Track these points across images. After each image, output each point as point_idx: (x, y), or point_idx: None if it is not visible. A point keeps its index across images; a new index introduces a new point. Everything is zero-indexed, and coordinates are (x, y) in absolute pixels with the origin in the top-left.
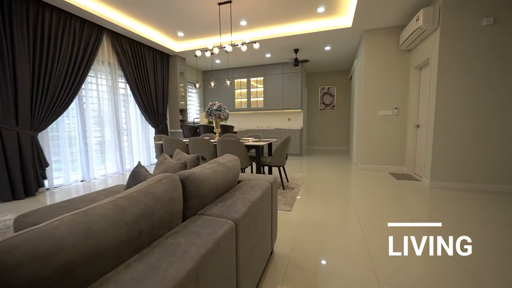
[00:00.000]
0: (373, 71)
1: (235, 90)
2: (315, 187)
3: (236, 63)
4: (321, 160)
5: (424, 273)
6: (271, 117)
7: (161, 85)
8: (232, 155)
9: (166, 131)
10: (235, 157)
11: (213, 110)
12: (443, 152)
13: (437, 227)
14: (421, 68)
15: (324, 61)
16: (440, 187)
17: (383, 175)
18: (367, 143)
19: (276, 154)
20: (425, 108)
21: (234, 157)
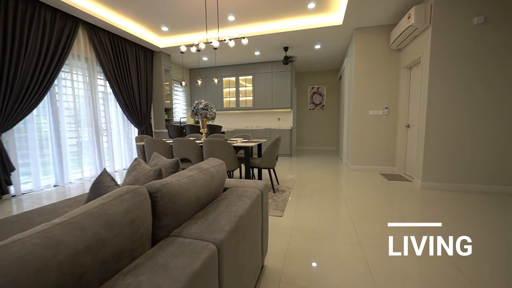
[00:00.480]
0: (364, 70)
1: (223, 89)
2: (306, 189)
3: (224, 61)
4: (312, 161)
5: (428, 279)
6: (260, 117)
7: (145, 83)
8: (217, 159)
9: (150, 131)
10: (220, 162)
11: (199, 109)
12: (435, 152)
13: (435, 227)
14: (411, 67)
15: (314, 60)
16: (432, 188)
17: (374, 175)
18: (358, 143)
19: (266, 155)
20: (415, 108)
21: (219, 161)
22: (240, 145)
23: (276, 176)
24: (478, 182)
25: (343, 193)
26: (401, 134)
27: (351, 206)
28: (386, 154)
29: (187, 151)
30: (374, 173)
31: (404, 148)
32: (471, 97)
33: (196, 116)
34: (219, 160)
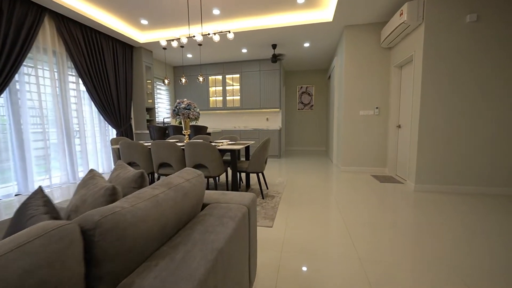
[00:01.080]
0: (354, 69)
1: (209, 88)
2: (297, 194)
3: (210, 58)
4: (301, 162)
5: None
6: (248, 117)
7: (124, 81)
8: (193, 170)
9: (130, 132)
10: (198, 173)
11: (181, 108)
12: (428, 154)
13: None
14: (402, 66)
15: (303, 59)
16: (426, 191)
17: (365, 177)
18: (348, 144)
19: (254, 158)
20: (406, 108)
21: (195, 172)
22: (226, 147)
23: (265, 180)
24: (472, 183)
25: (335, 197)
26: (392, 135)
27: (345, 212)
28: (377, 155)
29: (167, 155)
30: (365, 174)
31: (395, 149)
32: (465, 96)
33: (177, 116)
34: (196, 171)
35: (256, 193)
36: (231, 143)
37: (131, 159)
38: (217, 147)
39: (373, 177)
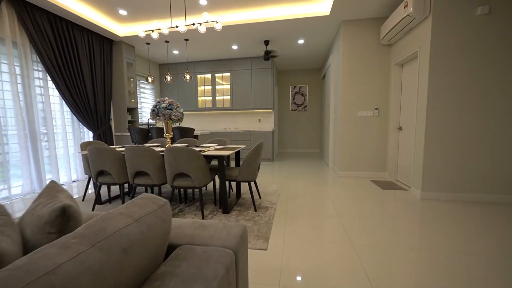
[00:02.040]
0: (352, 67)
1: (197, 87)
2: (293, 204)
3: (198, 55)
4: (295, 166)
5: None
6: (239, 118)
7: (102, 78)
8: (153, 199)
9: (110, 134)
10: (158, 203)
11: (161, 108)
12: (436, 159)
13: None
14: (403, 64)
15: (297, 57)
16: (433, 199)
17: (365, 183)
18: (346, 147)
19: (245, 166)
20: (408, 108)
21: (155, 203)
22: (212, 153)
23: (257, 189)
24: (485, 191)
25: (336, 209)
26: (392, 138)
27: (350, 229)
28: (376, 159)
29: (144, 162)
30: (364, 180)
31: (395, 152)
32: (477, 96)
33: (157, 117)
34: (157, 200)
35: (248, 204)
36: (219, 147)
37: (102, 167)
38: (202, 153)
39: (373, 183)
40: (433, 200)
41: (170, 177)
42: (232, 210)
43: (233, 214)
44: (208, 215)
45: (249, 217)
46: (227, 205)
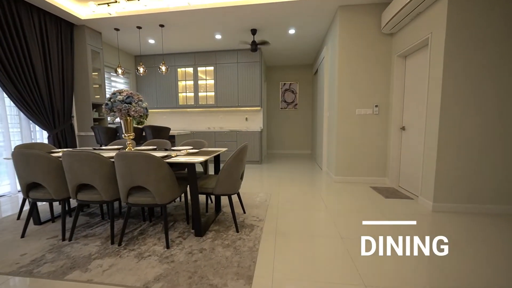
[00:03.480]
0: (349, 59)
1: (178, 81)
2: (284, 221)
3: (178, 46)
4: (286, 170)
5: None
6: (225, 116)
7: (59, 68)
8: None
9: (71, 134)
10: None
11: (116, 102)
12: (451, 165)
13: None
14: (407, 56)
15: (287, 50)
16: (448, 211)
17: (364, 190)
18: (342, 149)
19: (224, 175)
20: (412, 106)
21: None
22: (178, 161)
23: (241, 202)
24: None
25: (337, 226)
26: (394, 138)
27: (359, 259)
28: (376, 163)
29: (89, 172)
30: (363, 186)
31: (398, 155)
32: (504, 92)
33: (112, 113)
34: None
35: (229, 221)
36: (193, 151)
37: (33, 179)
38: (167, 159)
39: (374, 190)
40: (448, 212)
41: (124, 191)
42: (208, 230)
43: (209, 237)
44: (175, 239)
45: (228, 241)
46: (201, 226)
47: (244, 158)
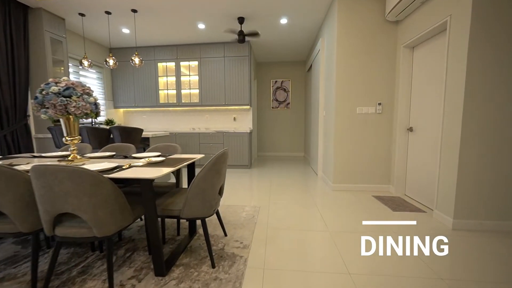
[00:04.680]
0: (349, 51)
1: (158, 77)
2: (276, 248)
3: (157, 37)
4: (277, 175)
5: None
6: (210, 116)
7: (7, 58)
8: None
9: (26, 137)
10: None
11: (50, 94)
12: (477, 176)
13: None
14: (415, 47)
15: (278, 44)
16: (472, 229)
17: (367, 200)
18: (341, 153)
19: (194, 192)
20: (421, 104)
21: None
22: (122, 176)
23: (221, 221)
24: None
25: (342, 255)
26: (400, 141)
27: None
28: (379, 168)
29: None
30: (365, 195)
31: (404, 160)
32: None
33: (43, 110)
34: None
35: (204, 252)
36: (157, 160)
37: None
38: (111, 174)
39: (378, 200)
40: (473, 231)
41: (48, 220)
42: (175, 264)
43: (174, 276)
44: (127, 281)
45: (199, 285)
46: (162, 263)
47: (223, 168)
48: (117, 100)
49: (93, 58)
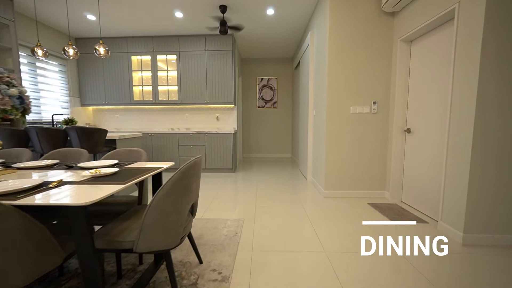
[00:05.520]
0: (342, 45)
1: (132, 72)
2: (264, 275)
3: (130, 26)
4: (264, 180)
5: None
6: (191, 115)
7: None
8: None
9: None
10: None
11: None
12: (492, 185)
13: None
14: (412, 41)
15: (264, 38)
16: (486, 244)
17: (362, 209)
18: (334, 156)
19: (154, 217)
20: (419, 103)
21: None
22: (39, 203)
23: (194, 246)
24: None
25: (342, 282)
26: (397, 143)
27: None
28: (373, 173)
29: None
30: (359, 202)
31: (400, 163)
32: None
33: None
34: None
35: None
36: (108, 172)
37: None
38: (17, 199)
39: (374, 208)
40: (487, 247)
41: None
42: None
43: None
44: None
45: None
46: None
47: (195, 182)
48: (85, 97)
49: (55, 48)
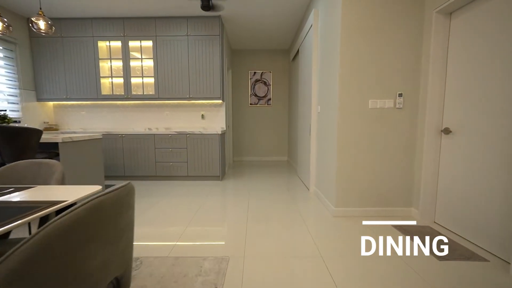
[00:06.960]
0: (359, 21)
1: (99, 60)
2: None
3: (95, 3)
4: (257, 191)
5: None
6: (171, 113)
7: None
8: None
9: None
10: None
11: None
12: None
13: None
14: (454, 12)
15: (257, 23)
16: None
17: (389, 236)
18: (347, 164)
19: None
20: (466, 97)
21: None
22: None
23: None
24: None
25: None
26: (429, 147)
27: None
28: (398, 185)
29: None
30: (382, 225)
31: (434, 173)
32: None
33: None
34: None
35: None
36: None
37: None
38: None
39: (403, 234)
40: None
41: None
42: None
43: None
44: None
45: None
46: None
47: (124, 236)
48: (42, 91)
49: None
